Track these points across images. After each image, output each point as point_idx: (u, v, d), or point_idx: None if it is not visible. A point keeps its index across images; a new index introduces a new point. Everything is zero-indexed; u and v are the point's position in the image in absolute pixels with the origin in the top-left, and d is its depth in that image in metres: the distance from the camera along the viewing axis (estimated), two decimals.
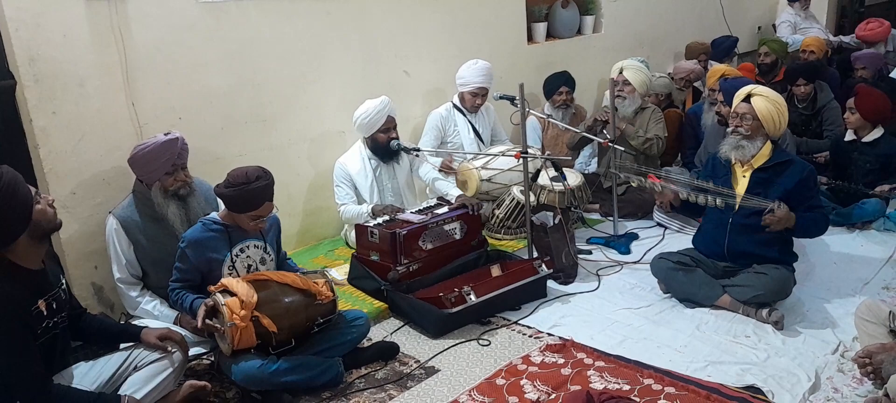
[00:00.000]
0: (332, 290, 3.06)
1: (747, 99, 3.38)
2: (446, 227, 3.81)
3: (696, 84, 6.17)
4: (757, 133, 3.36)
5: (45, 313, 2.48)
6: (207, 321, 2.86)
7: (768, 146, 3.40)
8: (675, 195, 3.51)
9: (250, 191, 2.97)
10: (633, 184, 3.97)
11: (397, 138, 4.20)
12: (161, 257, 3.27)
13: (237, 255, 3.10)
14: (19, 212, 2.32)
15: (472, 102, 4.74)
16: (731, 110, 3.47)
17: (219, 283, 2.92)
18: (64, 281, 2.66)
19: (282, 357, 2.91)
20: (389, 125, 4.15)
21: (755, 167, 3.39)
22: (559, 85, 5.17)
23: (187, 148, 3.34)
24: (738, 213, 3.39)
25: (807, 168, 3.39)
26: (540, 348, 3.19)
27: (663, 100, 5.58)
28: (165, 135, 3.28)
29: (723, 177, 3.47)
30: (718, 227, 3.47)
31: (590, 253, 4.23)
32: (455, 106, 4.83)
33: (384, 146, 4.16)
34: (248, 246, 3.14)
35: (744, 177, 3.42)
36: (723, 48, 6.77)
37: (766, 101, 3.33)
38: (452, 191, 4.22)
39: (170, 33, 3.70)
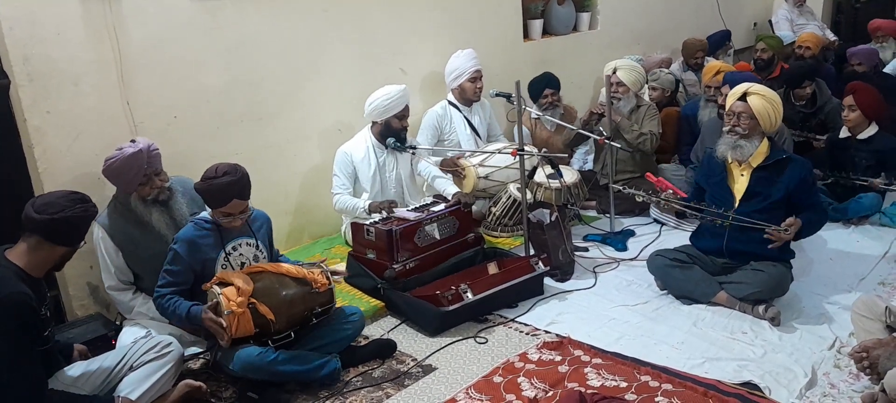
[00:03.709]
0: (328, 279, 3.06)
1: (743, 97, 3.37)
2: (437, 224, 3.80)
3: (670, 71, 6.16)
4: (754, 131, 3.36)
5: (48, 317, 2.53)
6: (212, 317, 2.86)
7: (765, 143, 3.40)
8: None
9: (216, 186, 2.94)
10: (637, 198, 3.96)
11: (407, 128, 4.20)
12: (149, 260, 3.22)
13: (230, 253, 3.09)
14: (85, 229, 2.62)
15: (474, 89, 4.72)
16: (727, 109, 3.46)
17: (214, 278, 2.91)
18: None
19: (280, 350, 2.91)
20: (405, 113, 4.16)
21: (754, 166, 3.39)
22: (542, 88, 5.05)
23: (158, 153, 3.24)
24: (738, 212, 3.39)
25: (806, 165, 3.40)
26: (537, 345, 3.19)
27: (668, 95, 5.57)
28: (132, 142, 3.19)
29: (719, 177, 3.47)
30: (718, 226, 3.46)
31: (586, 250, 4.23)
32: (451, 103, 4.82)
33: (395, 132, 4.15)
34: (240, 244, 3.13)
35: (742, 175, 3.42)
36: (714, 41, 6.76)
37: (762, 100, 3.33)
38: (450, 189, 4.22)
39: (165, 31, 3.69)
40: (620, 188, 4.21)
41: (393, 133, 4.14)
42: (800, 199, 3.29)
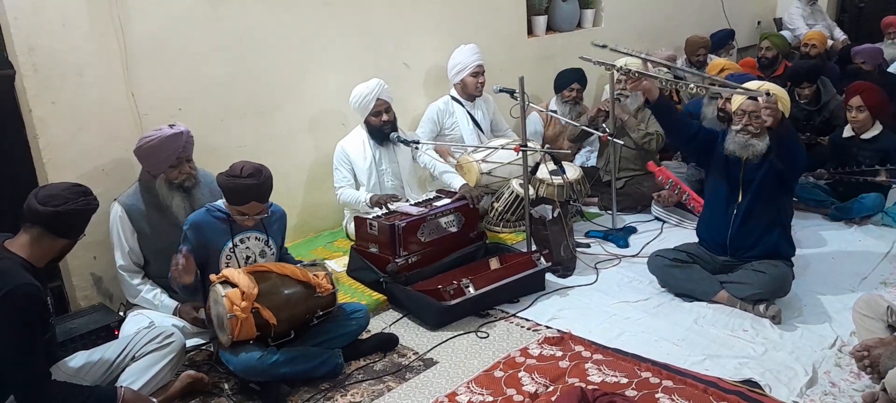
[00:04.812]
0: (332, 283, 3.07)
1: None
2: (442, 220, 3.80)
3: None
4: (764, 129, 3.34)
5: (50, 307, 2.54)
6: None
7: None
8: (651, 87, 3.45)
9: (238, 185, 2.97)
10: (617, 71, 3.83)
11: (392, 120, 4.17)
12: (163, 247, 3.26)
13: (237, 245, 3.10)
14: (86, 222, 2.61)
15: (475, 84, 4.72)
16: (735, 108, 3.43)
17: (220, 274, 2.92)
18: None
19: (281, 348, 2.91)
20: (380, 108, 4.13)
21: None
22: (571, 81, 5.11)
23: (192, 140, 3.33)
24: (743, 204, 3.39)
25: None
26: (538, 341, 3.19)
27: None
28: (170, 127, 3.28)
29: (734, 167, 3.44)
30: (722, 217, 3.47)
31: (588, 246, 4.23)
32: (454, 98, 4.82)
33: (376, 129, 4.14)
34: (248, 238, 3.14)
35: (742, 164, 3.43)
36: (717, 39, 6.75)
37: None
38: (456, 182, 4.21)
39: (169, 23, 3.69)
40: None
41: (375, 130, 4.15)
42: (779, 152, 3.28)
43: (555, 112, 4.95)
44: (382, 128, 4.14)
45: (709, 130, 3.65)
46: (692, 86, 3.49)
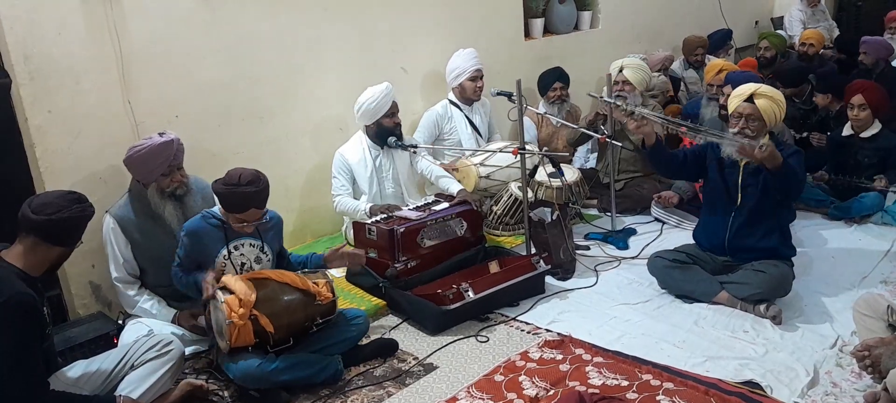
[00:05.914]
0: (332, 291, 3.06)
1: (750, 99, 3.34)
2: (449, 223, 3.79)
3: (671, 70, 6.19)
4: (761, 132, 3.33)
5: (47, 317, 2.52)
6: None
7: (766, 138, 3.38)
8: (652, 133, 3.42)
9: (237, 194, 2.96)
10: (624, 108, 3.77)
11: (399, 123, 4.19)
12: (158, 255, 3.26)
13: (231, 252, 3.09)
14: (82, 229, 2.60)
15: (474, 88, 4.72)
16: (732, 110, 3.41)
17: (219, 281, 2.91)
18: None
19: (280, 355, 2.90)
20: (394, 110, 4.15)
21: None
22: (553, 81, 5.17)
23: (183, 148, 3.31)
24: (741, 207, 3.39)
25: (792, 149, 3.43)
26: (538, 344, 3.19)
27: (668, 96, 5.57)
28: (160, 135, 3.25)
29: (730, 172, 3.44)
30: (720, 221, 3.46)
31: (588, 248, 4.22)
32: (452, 102, 4.82)
33: (388, 131, 4.14)
34: (243, 244, 3.14)
35: (741, 170, 3.42)
36: (715, 40, 6.75)
37: (768, 101, 3.29)
38: (453, 187, 4.21)
39: (165, 28, 3.69)
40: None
41: (386, 132, 4.14)
42: (775, 183, 3.27)
43: (545, 112, 4.93)
44: (394, 130, 4.14)
45: (694, 151, 3.64)
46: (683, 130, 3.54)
